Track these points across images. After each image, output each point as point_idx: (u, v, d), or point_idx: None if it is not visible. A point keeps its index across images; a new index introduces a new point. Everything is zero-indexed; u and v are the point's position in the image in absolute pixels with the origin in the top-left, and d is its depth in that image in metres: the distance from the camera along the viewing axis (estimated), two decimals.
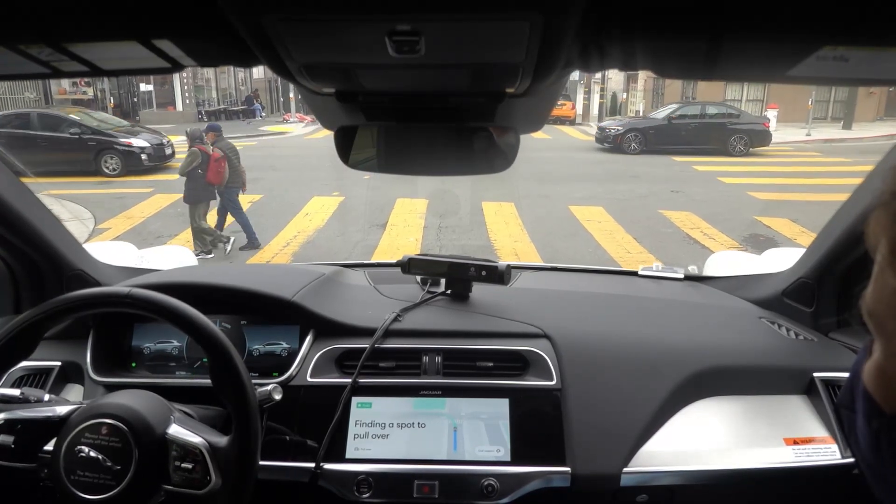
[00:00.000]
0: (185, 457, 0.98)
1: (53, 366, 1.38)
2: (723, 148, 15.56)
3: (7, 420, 1.03)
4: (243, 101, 29.21)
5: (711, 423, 1.28)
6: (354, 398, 1.27)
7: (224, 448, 0.98)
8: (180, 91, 25.51)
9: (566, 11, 0.52)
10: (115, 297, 1.02)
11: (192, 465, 0.97)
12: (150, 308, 1.01)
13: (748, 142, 15.81)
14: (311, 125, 24.02)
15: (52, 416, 1.03)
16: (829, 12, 0.51)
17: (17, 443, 1.02)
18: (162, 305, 1.01)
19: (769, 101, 23.04)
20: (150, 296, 1.01)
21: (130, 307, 1.02)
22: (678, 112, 16.79)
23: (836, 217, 1.40)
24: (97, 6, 0.55)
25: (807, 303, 1.52)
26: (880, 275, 0.51)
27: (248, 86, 31.11)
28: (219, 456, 0.98)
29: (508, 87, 0.77)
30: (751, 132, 15.91)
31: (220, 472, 0.98)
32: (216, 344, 1.00)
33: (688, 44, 0.59)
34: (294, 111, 25.85)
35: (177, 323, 1.01)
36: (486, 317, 1.45)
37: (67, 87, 22.56)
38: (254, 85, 31.01)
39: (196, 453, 0.98)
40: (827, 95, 23.25)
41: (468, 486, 1.18)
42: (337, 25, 0.56)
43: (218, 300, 1.39)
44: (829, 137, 18.75)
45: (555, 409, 1.25)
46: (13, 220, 1.38)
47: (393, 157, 1.01)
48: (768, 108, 21.00)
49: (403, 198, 9.49)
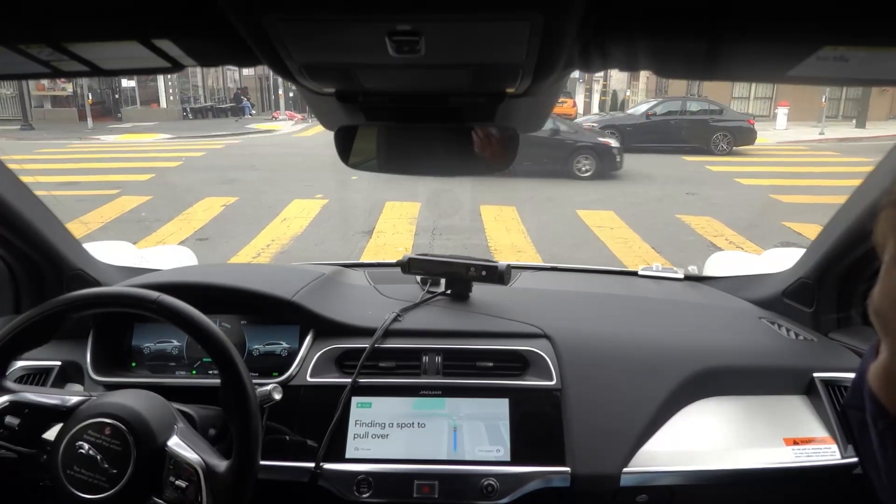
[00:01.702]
0: (181, 474, 0.97)
1: (53, 365, 1.38)
2: (705, 146, 14.91)
3: (15, 402, 1.03)
4: (232, 99, 28.76)
5: (711, 423, 1.28)
6: (354, 398, 1.27)
7: (221, 474, 0.98)
8: (164, 88, 24.74)
9: (566, 12, 0.52)
10: (143, 300, 1.02)
11: (186, 484, 0.96)
12: (172, 317, 1.02)
13: (732, 140, 15.08)
14: (302, 123, 23.70)
15: (59, 405, 1.03)
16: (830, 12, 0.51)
17: (21, 426, 1.02)
18: (185, 317, 1.01)
19: (778, 99, 22.32)
20: (176, 305, 1.02)
21: (154, 312, 1.02)
22: (658, 108, 16.01)
23: (836, 217, 1.39)
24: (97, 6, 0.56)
25: (807, 303, 1.52)
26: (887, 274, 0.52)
27: (239, 83, 30.37)
28: (214, 480, 0.97)
29: (509, 87, 0.78)
30: (735, 130, 15.17)
31: (212, 497, 0.97)
32: (232, 369, 1.00)
33: (688, 44, 0.59)
34: (284, 109, 25.45)
35: (195, 336, 1.02)
36: (486, 317, 1.45)
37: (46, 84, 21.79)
38: (244, 82, 30.41)
39: (191, 472, 0.97)
40: (838, 93, 22.90)
41: (468, 486, 1.18)
42: (337, 25, 0.56)
43: (218, 300, 1.39)
44: (843, 136, 18.30)
45: (555, 409, 1.25)
46: (13, 220, 1.37)
47: (393, 157, 1.02)
48: (778, 106, 20.46)
49: (394, 201, 8.77)
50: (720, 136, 15.01)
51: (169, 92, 25.26)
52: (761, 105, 24.38)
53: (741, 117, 16.04)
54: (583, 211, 8.44)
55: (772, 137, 18.00)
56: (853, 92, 23.05)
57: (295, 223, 7.84)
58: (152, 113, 23.80)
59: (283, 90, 26.18)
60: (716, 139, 14.99)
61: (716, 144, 14.96)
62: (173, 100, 25.51)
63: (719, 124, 15.10)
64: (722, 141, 15.01)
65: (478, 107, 0.84)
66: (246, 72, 29.67)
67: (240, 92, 28.35)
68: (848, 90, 23.15)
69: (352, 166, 1.02)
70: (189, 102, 26.49)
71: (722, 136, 15.02)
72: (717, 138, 14.99)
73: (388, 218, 7.97)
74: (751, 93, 24.35)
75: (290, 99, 27.31)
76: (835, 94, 22.20)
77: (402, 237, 7.09)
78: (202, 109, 26.24)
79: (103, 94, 24.28)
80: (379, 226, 7.61)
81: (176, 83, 25.32)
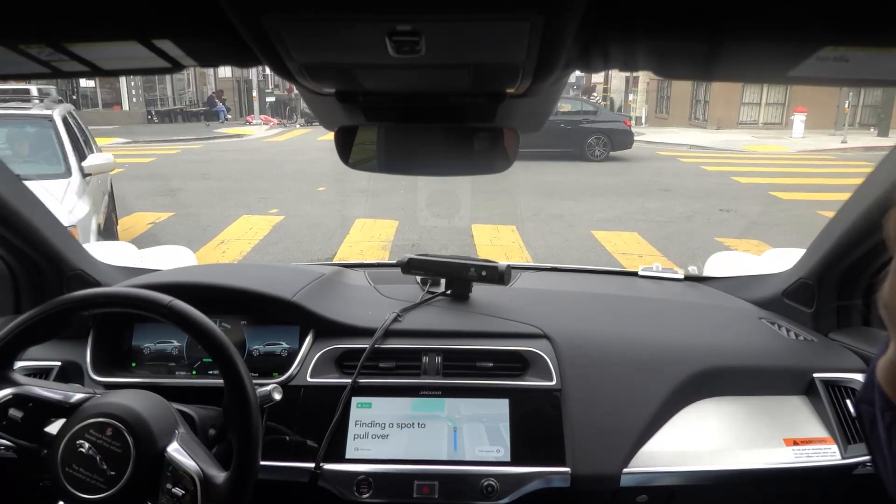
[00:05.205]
0: (178, 482, 0.97)
1: (53, 365, 1.38)
2: (579, 151, 13.26)
3: (20, 395, 1.04)
4: (205, 102, 27.21)
5: (711, 423, 1.29)
6: (354, 398, 1.28)
7: (218, 486, 0.97)
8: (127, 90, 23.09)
9: (567, 11, 0.52)
10: (154, 303, 1.03)
11: (183, 492, 0.96)
12: (182, 323, 1.02)
13: (608, 144, 13.49)
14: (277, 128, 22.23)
15: (63, 401, 1.04)
16: (830, 13, 0.50)
17: (24, 419, 1.03)
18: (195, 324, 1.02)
19: (792, 105, 20.92)
20: (187, 312, 1.02)
21: (164, 317, 1.02)
22: None
23: (836, 218, 1.40)
24: (97, 6, 0.55)
25: (807, 303, 1.52)
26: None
27: (214, 85, 28.68)
28: (211, 492, 0.97)
29: (509, 87, 0.78)
30: (611, 132, 13.56)
31: None
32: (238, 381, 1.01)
33: (688, 44, 0.59)
34: (258, 113, 23.86)
35: (204, 345, 1.02)
36: (485, 317, 1.46)
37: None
38: (221, 85, 28.74)
39: (189, 481, 0.97)
40: (856, 100, 21.47)
41: (468, 486, 1.18)
42: (337, 25, 0.56)
43: (218, 300, 1.39)
44: (867, 145, 16.92)
45: (554, 410, 1.25)
46: (13, 220, 1.37)
47: (393, 157, 1.02)
48: (795, 112, 19.15)
49: (365, 218, 7.40)
50: (595, 140, 13.38)
51: (132, 94, 24.01)
52: (773, 112, 23.11)
53: (617, 118, 14.71)
54: (599, 232, 6.98)
55: (790, 146, 16.82)
56: (871, 98, 22.20)
57: (234, 247, 6.25)
58: (114, 116, 22.66)
59: (258, 93, 24.72)
60: (591, 143, 13.36)
61: (591, 149, 13.37)
62: (137, 102, 24.31)
63: (594, 126, 13.43)
64: (597, 145, 13.42)
65: (478, 107, 0.86)
66: (222, 73, 28.10)
67: (214, 95, 26.92)
68: (867, 96, 22.15)
69: (352, 166, 1.03)
70: (155, 105, 25.23)
71: (597, 140, 13.40)
72: (593, 142, 13.37)
73: (356, 240, 6.60)
74: (762, 99, 22.98)
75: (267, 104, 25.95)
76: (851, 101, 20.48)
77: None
78: (170, 113, 24.88)
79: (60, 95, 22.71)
80: (342, 251, 6.21)
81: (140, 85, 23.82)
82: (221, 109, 25.49)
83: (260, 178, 10.56)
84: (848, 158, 14.70)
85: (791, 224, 7.49)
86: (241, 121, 25.79)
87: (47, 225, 1.46)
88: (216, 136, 18.97)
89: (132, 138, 17.16)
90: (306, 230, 6.91)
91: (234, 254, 6.00)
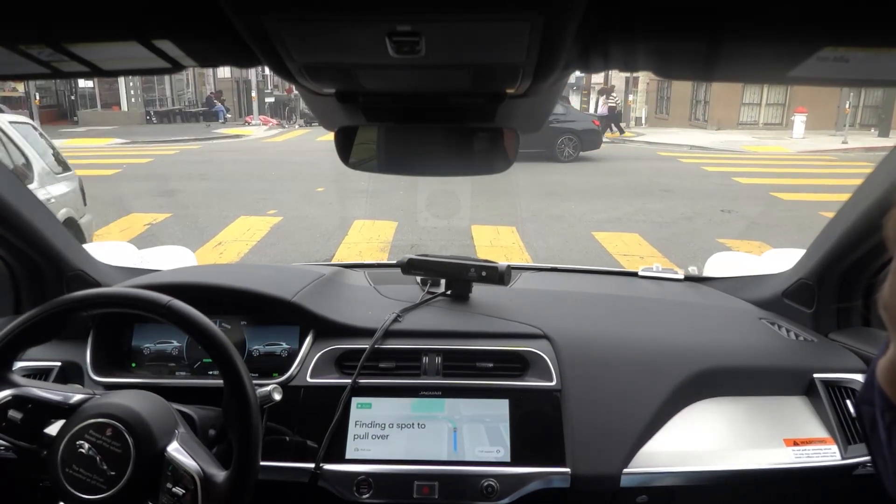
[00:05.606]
0: (178, 481, 0.97)
1: (53, 366, 1.38)
2: (549, 152, 12.83)
3: (19, 396, 1.04)
4: (204, 103, 27.04)
5: (711, 423, 1.29)
6: (354, 399, 1.28)
7: (219, 484, 0.98)
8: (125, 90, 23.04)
9: (566, 11, 0.52)
10: (153, 303, 1.03)
11: (183, 492, 0.97)
12: (181, 323, 1.02)
13: (578, 144, 13.16)
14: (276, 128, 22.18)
15: (62, 402, 1.04)
16: (830, 13, 0.50)
17: (24, 420, 1.03)
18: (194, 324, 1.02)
19: (793, 105, 20.87)
20: (187, 311, 1.02)
21: (163, 317, 1.02)
22: None
23: (836, 218, 1.40)
24: (97, 6, 0.56)
25: (807, 303, 1.52)
26: None
27: (213, 86, 28.64)
28: (211, 491, 0.97)
29: (509, 87, 0.78)
30: (581, 133, 13.22)
31: None
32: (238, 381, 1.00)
33: (688, 44, 0.59)
34: (257, 113, 23.84)
35: (204, 345, 1.02)
36: (485, 317, 1.46)
37: None
38: (218, 85, 28.63)
39: (189, 481, 0.97)
40: (856, 100, 21.37)
41: (468, 486, 1.19)
42: (337, 25, 0.56)
43: (218, 300, 1.39)
44: (868, 146, 16.64)
45: (554, 410, 1.26)
46: (13, 220, 1.38)
47: (393, 157, 1.02)
48: (795, 112, 19.08)
49: (364, 219, 7.34)
50: (566, 140, 13.02)
51: (131, 94, 23.99)
52: (773, 112, 23.07)
53: (586, 118, 14.33)
54: (600, 233, 6.94)
55: (790, 147, 16.77)
56: (871, 98, 22.12)
57: (231, 249, 6.20)
58: (112, 116, 22.68)
59: (257, 94, 24.69)
60: (561, 144, 12.98)
61: (561, 150, 13.00)
62: (135, 102, 24.29)
63: (564, 126, 12.95)
64: (568, 146, 13.07)
65: (478, 107, 0.86)
66: (221, 74, 28.06)
67: (212, 95, 26.78)
68: (867, 97, 22.07)
69: (352, 167, 1.03)
70: (154, 105, 25.20)
71: (568, 140, 13.04)
72: (563, 143, 13.00)
73: (354, 241, 6.54)
74: (762, 99, 22.94)
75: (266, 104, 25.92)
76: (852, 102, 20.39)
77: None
78: (169, 113, 24.82)
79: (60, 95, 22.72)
80: (340, 252, 6.15)
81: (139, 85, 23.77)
82: (220, 110, 25.38)
83: (258, 178, 10.54)
84: (849, 159, 14.55)
85: (792, 225, 7.40)
86: (240, 121, 25.70)
87: (47, 225, 1.47)
88: (215, 137, 18.87)
89: (130, 139, 17.12)
90: (305, 231, 6.88)
91: (232, 255, 5.95)
